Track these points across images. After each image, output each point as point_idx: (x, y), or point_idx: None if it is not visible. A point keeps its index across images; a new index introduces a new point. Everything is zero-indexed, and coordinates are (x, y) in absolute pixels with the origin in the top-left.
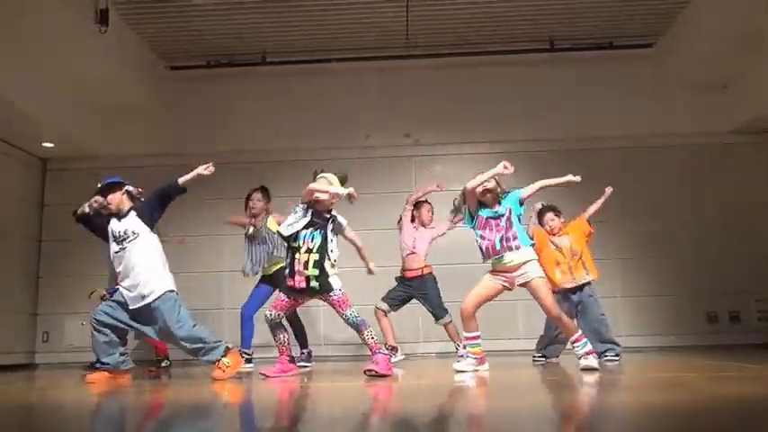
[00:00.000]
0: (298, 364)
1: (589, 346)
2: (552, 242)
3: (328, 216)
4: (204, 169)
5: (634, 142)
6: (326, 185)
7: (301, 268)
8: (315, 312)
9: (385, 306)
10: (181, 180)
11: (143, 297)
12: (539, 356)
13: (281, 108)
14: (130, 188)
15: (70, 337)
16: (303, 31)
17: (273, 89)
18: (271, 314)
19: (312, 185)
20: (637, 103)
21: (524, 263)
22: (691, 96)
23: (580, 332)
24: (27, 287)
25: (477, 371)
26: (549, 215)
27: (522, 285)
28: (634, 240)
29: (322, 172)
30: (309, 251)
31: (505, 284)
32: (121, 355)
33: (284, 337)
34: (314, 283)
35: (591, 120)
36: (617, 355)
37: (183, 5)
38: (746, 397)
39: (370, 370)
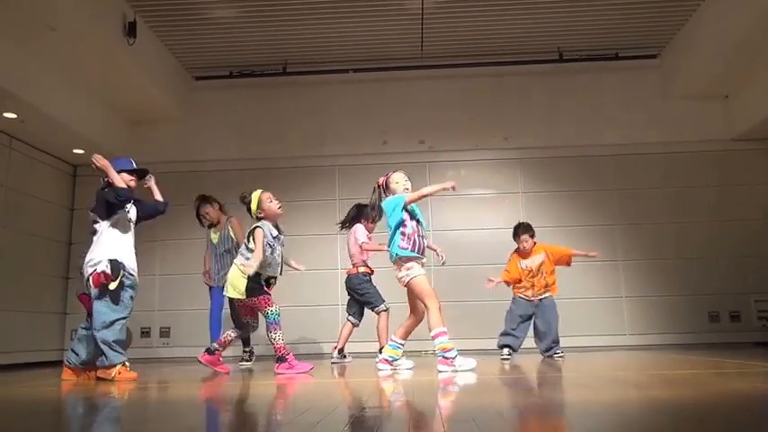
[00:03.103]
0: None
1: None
2: (520, 264)
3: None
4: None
5: (639, 149)
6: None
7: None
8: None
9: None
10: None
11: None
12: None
13: (301, 116)
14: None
15: None
16: (322, 42)
17: (294, 98)
18: (278, 309)
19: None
20: (642, 111)
21: None
22: (694, 105)
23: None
24: (57, 287)
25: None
26: (525, 236)
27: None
28: (638, 243)
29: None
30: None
31: None
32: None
33: None
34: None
35: (598, 127)
36: (561, 353)
37: (208, 19)
38: (748, 392)
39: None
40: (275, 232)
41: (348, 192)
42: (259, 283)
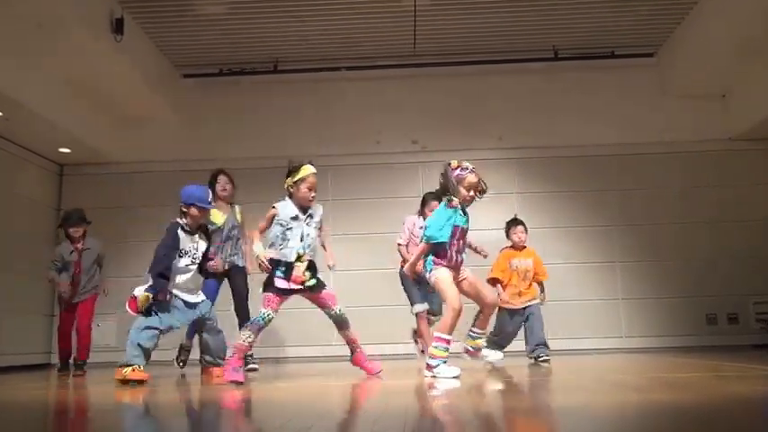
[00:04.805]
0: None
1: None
2: (512, 262)
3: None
4: None
5: (636, 149)
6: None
7: (299, 274)
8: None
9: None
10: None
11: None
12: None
13: (292, 115)
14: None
15: None
16: (314, 40)
17: (285, 97)
18: (271, 314)
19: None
20: (638, 110)
21: None
22: (691, 104)
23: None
24: (43, 288)
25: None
26: (520, 228)
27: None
28: (635, 244)
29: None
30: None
31: None
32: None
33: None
34: (311, 282)
35: (593, 127)
36: (547, 356)
37: (198, 15)
38: (749, 395)
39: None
40: (294, 212)
41: (341, 192)
42: (272, 277)
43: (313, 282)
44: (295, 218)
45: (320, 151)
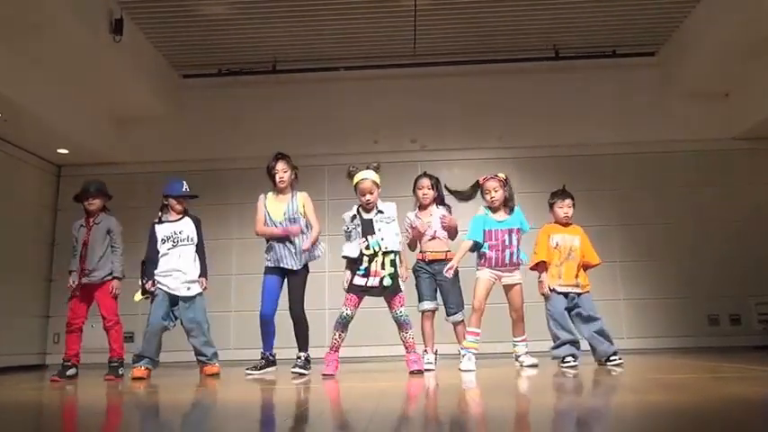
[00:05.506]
0: (293, 369)
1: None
2: (554, 238)
3: (377, 211)
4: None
5: (636, 148)
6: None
7: (379, 268)
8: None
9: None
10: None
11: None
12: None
13: (291, 115)
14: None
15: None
16: (313, 40)
17: (284, 97)
18: (351, 312)
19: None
20: (640, 109)
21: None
22: (693, 103)
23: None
24: (40, 290)
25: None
26: (568, 201)
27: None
28: (636, 244)
29: (355, 169)
30: (386, 253)
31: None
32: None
33: (344, 335)
34: (387, 282)
35: (594, 126)
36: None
37: (197, 16)
38: (749, 397)
39: (416, 371)
40: (353, 213)
41: (337, 192)
42: (353, 276)
43: (389, 282)
44: (354, 217)
45: (317, 151)
